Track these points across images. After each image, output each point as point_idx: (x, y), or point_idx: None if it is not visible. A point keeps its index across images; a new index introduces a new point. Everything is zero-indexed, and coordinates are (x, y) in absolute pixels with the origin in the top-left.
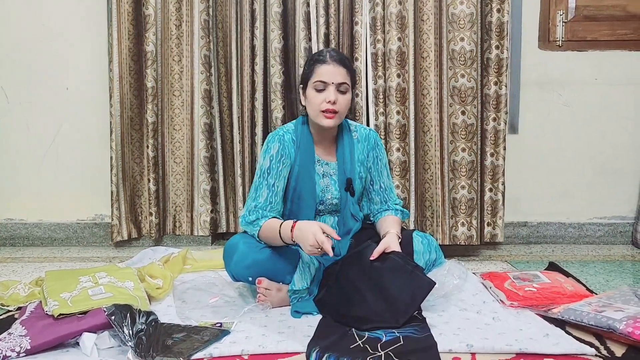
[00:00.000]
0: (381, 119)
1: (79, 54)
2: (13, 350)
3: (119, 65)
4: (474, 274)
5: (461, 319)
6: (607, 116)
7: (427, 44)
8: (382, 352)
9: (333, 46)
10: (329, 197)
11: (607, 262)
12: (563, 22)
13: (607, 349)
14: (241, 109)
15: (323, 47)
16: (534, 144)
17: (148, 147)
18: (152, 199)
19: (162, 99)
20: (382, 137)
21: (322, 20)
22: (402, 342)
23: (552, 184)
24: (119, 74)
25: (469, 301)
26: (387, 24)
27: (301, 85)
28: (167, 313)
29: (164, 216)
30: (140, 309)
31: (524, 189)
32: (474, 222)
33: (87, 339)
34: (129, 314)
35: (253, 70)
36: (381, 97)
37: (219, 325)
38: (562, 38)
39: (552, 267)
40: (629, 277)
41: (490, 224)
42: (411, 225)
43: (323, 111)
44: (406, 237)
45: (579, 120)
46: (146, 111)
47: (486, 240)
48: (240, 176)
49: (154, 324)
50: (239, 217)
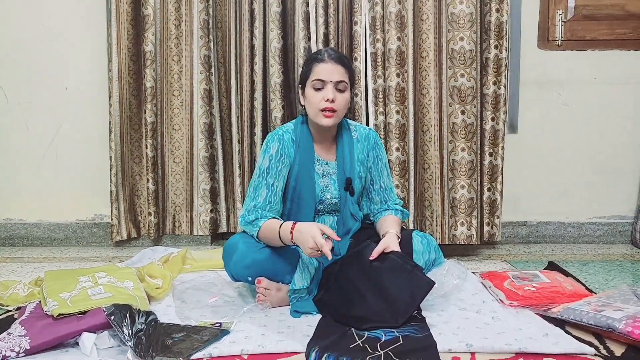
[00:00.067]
0: (380, 118)
1: (79, 54)
2: (12, 350)
3: (118, 65)
4: (473, 273)
5: (461, 319)
6: (606, 115)
7: (427, 44)
8: (382, 352)
9: (332, 46)
10: (328, 197)
11: (607, 261)
12: (562, 21)
13: (606, 348)
14: (240, 108)
15: (322, 46)
16: (533, 143)
17: (147, 147)
18: (151, 198)
19: (162, 98)
20: (381, 136)
21: (322, 20)
22: (401, 342)
23: (551, 183)
24: (118, 74)
25: (469, 301)
26: (387, 24)
27: (300, 85)
28: (167, 313)
29: (164, 216)
30: (139, 309)
31: (524, 188)
32: (473, 221)
33: (87, 339)
34: (128, 314)
35: (252, 69)
36: (380, 96)
37: (219, 325)
38: (562, 37)
39: (552, 266)
40: (628, 277)
41: (489, 224)
42: (410, 225)
43: (322, 110)
44: (406, 237)
45: (579, 119)
46: (145, 111)
47: (484, 240)
48: (239, 176)
49: (153, 323)
50: (238, 216)
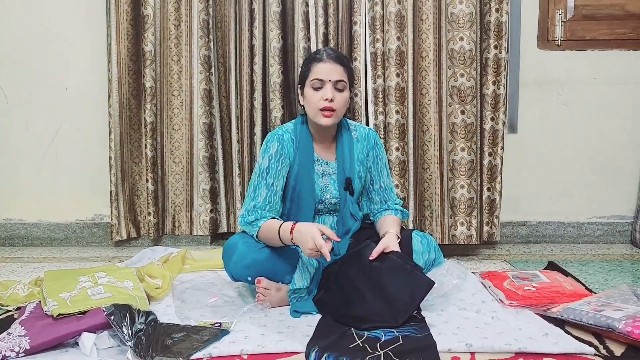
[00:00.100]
0: (380, 118)
1: (79, 54)
2: (12, 350)
3: (117, 65)
4: (473, 273)
5: (460, 319)
6: (606, 115)
7: (426, 44)
8: (382, 352)
9: (332, 46)
10: (328, 197)
11: (606, 261)
12: (562, 21)
13: (606, 348)
14: (240, 108)
15: (322, 46)
16: (533, 143)
17: (147, 147)
18: (150, 198)
19: (161, 98)
20: (381, 136)
21: (321, 20)
22: (401, 342)
23: (551, 183)
24: (117, 74)
25: (468, 300)
26: (386, 24)
27: (299, 85)
28: (167, 313)
29: (163, 216)
30: (139, 309)
31: (523, 188)
32: (473, 221)
33: (87, 339)
34: (128, 314)
35: (252, 69)
36: (380, 96)
37: (218, 325)
38: (561, 37)
39: (551, 266)
40: (628, 277)
41: (489, 224)
42: (410, 225)
43: (321, 109)
44: (405, 237)
45: (578, 119)
46: (145, 111)
47: (484, 240)
48: (239, 176)
49: (153, 323)
50: (237, 216)
